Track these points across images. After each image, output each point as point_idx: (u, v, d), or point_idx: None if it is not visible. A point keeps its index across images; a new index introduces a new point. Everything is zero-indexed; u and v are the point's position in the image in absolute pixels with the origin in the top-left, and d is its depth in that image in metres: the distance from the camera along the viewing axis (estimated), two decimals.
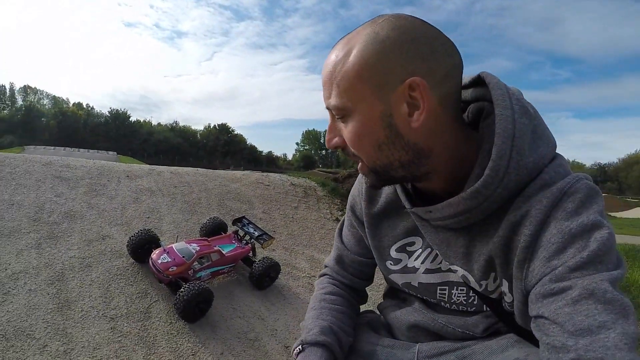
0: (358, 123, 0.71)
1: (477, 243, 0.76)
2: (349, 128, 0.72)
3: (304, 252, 3.97)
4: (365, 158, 0.75)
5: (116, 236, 3.05)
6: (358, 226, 1.02)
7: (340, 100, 0.71)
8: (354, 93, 0.69)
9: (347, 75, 0.69)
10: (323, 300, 1.01)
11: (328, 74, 0.72)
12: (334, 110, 0.73)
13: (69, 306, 2.25)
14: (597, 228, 0.62)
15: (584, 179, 0.68)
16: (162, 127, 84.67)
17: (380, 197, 0.94)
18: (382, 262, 0.97)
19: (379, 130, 0.70)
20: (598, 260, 0.60)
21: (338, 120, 0.75)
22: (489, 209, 0.71)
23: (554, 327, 0.60)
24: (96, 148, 53.13)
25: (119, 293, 2.47)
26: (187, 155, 74.62)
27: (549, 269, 0.63)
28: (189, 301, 2.32)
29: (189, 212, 3.86)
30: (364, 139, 0.72)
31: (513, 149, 0.67)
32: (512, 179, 0.67)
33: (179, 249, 2.70)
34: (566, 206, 0.65)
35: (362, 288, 1.11)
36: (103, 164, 4.46)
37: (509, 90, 0.72)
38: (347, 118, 0.72)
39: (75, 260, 2.64)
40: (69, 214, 3.18)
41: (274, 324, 2.68)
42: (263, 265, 2.99)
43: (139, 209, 3.60)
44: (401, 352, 0.90)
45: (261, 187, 5.13)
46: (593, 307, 0.57)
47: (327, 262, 1.13)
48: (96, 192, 3.68)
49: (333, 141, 0.77)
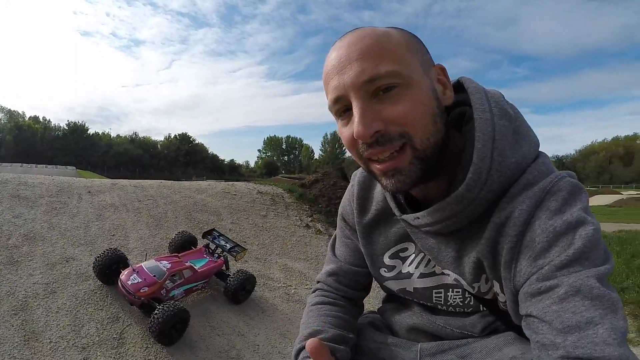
0: (417, 92, 0.67)
1: (466, 247, 0.76)
2: (408, 99, 0.66)
3: (277, 261, 3.92)
4: (422, 133, 0.68)
5: (81, 257, 2.90)
6: (352, 235, 1.01)
7: (398, 67, 0.66)
8: (408, 64, 0.68)
9: (399, 46, 0.68)
10: (310, 311, 0.99)
11: (369, 46, 0.67)
12: (388, 77, 0.66)
13: (36, 338, 2.10)
14: (582, 225, 0.62)
15: (567, 176, 0.69)
16: (121, 139, 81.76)
17: (371, 206, 0.94)
18: (375, 270, 0.96)
19: (433, 101, 0.69)
20: (584, 257, 0.60)
21: (374, 101, 0.67)
22: (475, 212, 0.71)
23: (543, 325, 0.60)
24: (54, 163, 50.63)
25: (88, 319, 2.33)
26: (148, 167, 72.59)
27: (536, 268, 0.63)
28: (164, 323, 2.22)
29: (155, 227, 3.73)
30: (423, 109, 0.68)
31: (494, 151, 0.67)
32: (495, 180, 0.67)
33: (149, 267, 2.58)
34: (549, 205, 0.65)
35: (358, 299, 1.07)
36: (63, 180, 4.24)
37: (487, 94, 0.74)
38: (399, 90, 0.66)
39: (39, 287, 2.48)
40: (29, 236, 2.99)
41: (255, 339, 2.62)
42: (238, 278, 2.93)
43: (103, 226, 3.44)
44: (404, 351, 0.90)
45: (228, 197, 5.03)
46: (580, 303, 0.57)
47: (319, 278, 1.09)
48: (57, 210, 3.49)
49: (374, 125, 0.66)
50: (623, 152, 72.13)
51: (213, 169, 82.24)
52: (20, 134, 62.22)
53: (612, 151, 73.64)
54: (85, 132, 72.03)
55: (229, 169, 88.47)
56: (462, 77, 0.79)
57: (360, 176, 0.96)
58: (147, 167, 71.99)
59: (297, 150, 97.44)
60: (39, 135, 65.86)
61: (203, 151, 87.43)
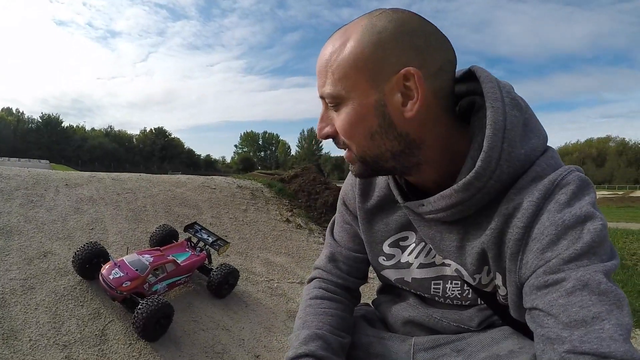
0: (352, 111, 0.71)
1: (470, 236, 0.76)
2: (342, 116, 0.72)
3: (259, 255, 3.90)
4: (357, 147, 0.75)
5: (59, 252, 2.80)
6: (352, 220, 1.00)
7: (335, 88, 0.71)
8: (349, 81, 0.69)
9: (342, 64, 0.69)
10: (308, 306, 0.96)
11: (323, 63, 0.72)
12: (327, 98, 0.73)
13: (15, 336, 2.02)
14: (590, 219, 0.62)
15: (576, 170, 0.69)
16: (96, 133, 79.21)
17: (373, 192, 0.93)
18: (374, 258, 0.95)
19: (372, 119, 0.70)
20: (592, 252, 0.60)
21: (331, 109, 0.75)
22: (481, 201, 0.71)
23: (549, 318, 0.60)
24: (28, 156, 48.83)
25: (69, 316, 2.26)
26: (123, 162, 70.60)
27: (543, 261, 0.63)
28: (149, 318, 2.17)
29: (135, 220, 3.64)
30: (356, 127, 0.72)
31: (504, 140, 0.67)
32: (504, 170, 0.67)
33: (130, 261, 2.51)
34: (558, 198, 0.65)
35: (356, 287, 1.06)
36: (39, 172, 4.10)
37: (500, 84, 0.73)
38: (340, 106, 0.72)
39: (16, 282, 2.38)
40: (5, 230, 2.88)
41: (240, 333, 2.60)
42: (221, 272, 2.89)
43: (81, 220, 3.34)
44: (397, 345, 0.89)
45: (207, 191, 4.97)
46: (587, 298, 0.57)
47: (318, 263, 1.07)
48: (33, 203, 3.37)
49: (324, 130, 0.77)
50: (596, 154, 74.94)
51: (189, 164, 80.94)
52: None
53: (585, 152, 76.30)
54: (60, 124, 69.72)
55: (205, 164, 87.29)
56: (473, 65, 0.78)
57: None
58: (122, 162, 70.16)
59: (274, 146, 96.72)
60: (11, 127, 63.36)
61: (179, 146, 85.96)
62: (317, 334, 0.86)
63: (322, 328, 0.88)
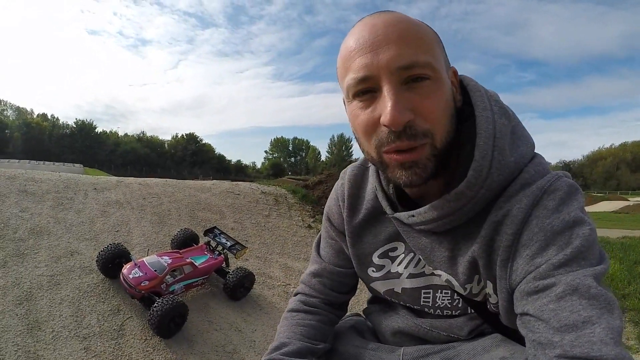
0: (444, 88, 0.67)
1: (460, 246, 0.75)
2: (437, 94, 0.66)
3: (278, 260, 3.97)
4: (442, 131, 0.68)
5: (85, 251, 2.97)
6: (337, 236, 0.98)
7: (432, 60, 0.66)
8: (439, 58, 0.68)
9: (432, 39, 0.69)
10: (284, 319, 0.98)
11: (408, 30, 0.66)
12: (423, 67, 0.65)
13: (39, 327, 2.18)
14: (579, 224, 0.62)
15: (564, 176, 0.69)
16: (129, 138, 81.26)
17: (361, 205, 0.91)
18: (363, 271, 0.94)
19: (451, 101, 0.70)
20: (581, 257, 0.60)
21: (404, 88, 0.65)
22: (472, 210, 0.70)
23: (540, 323, 0.60)
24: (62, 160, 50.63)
25: (90, 311, 2.40)
26: (155, 166, 72.09)
27: (533, 266, 0.63)
28: (163, 316, 2.28)
29: (158, 224, 3.80)
30: (446, 107, 0.68)
31: (495, 149, 0.67)
32: (494, 179, 0.67)
33: (150, 262, 2.65)
34: (547, 204, 0.65)
35: (341, 302, 1.05)
36: (69, 177, 4.33)
37: (487, 93, 0.74)
38: (430, 83, 0.65)
39: (44, 278, 2.56)
40: (35, 230, 3.07)
41: (252, 335, 2.67)
42: (237, 275, 2.98)
43: (108, 222, 3.52)
44: (386, 355, 0.88)
45: (231, 197, 5.09)
46: (577, 302, 0.57)
47: (303, 279, 1.07)
48: (63, 206, 3.57)
49: (407, 114, 0.64)
50: (631, 158, 70.69)
51: (219, 169, 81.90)
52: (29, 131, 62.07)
53: (619, 157, 72.23)
54: (93, 130, 71.81)
55: (236, 169, 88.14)
56: (460, 74, 0.78)
57: (350, 174, 0.94)
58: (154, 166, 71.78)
59: (304, 152, 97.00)
60: (47, 132, 65.78)
61: (210, 151, 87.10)
62: (284, 342, 0.87)
63: (291, 337, 0.89)
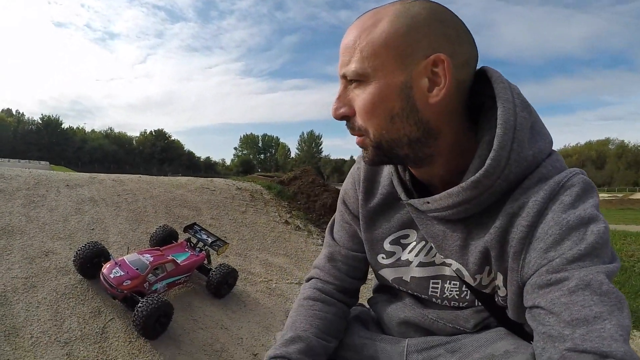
0: (376, 90, 0.70)
1: (473, 235, 0.75)
2: (364, 95, 0.71)
3: (258, 256, 3.93)
4: (374, 129, 0.73)
5: (60, 251, 2.84)
6: (351, 220, 0.98)
7: (361, 66, 0.70)
8: (377, 60, 0.69)
9: (373, 42, 0.69)
10: (301, 306, 0.97)
11: (351, 41, 0.71)
12: (352, 75, 0.72)
13: (17, 333, 2.06)
14: (594, 221, 0.63)
15: (580, 173, 0.70)
16: (96, 135, 78.79)
17: (377, 190, 0.92)
18: (373, 256, 0.94)
19: (395, 100, 0.70)
20: (595, 253, 0.61)
21: (350, 90, 0.74)
22: (487, 200, 0.71)
23: (550, 316, 0.60)
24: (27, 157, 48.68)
25: (70, 314, 2.29)
26: (123, 163, 70.24)
27: (546, 260, 0.64)
28: (149, 317, 2.20)
29: (135, 221, 3.68)
30: (378, 108, 0.71)
31: (514, 140, 0.67)
32: (512, 170, 0.68)
33: (131, 261, 2.55)
34: (563, 199, 0.66)
35: (354, 288, 1.04)
36: (40, 173, 4.13)
37: (511, 85, 0.74)
38: (363, 85, 0.71)
39: (18, 281, 2.42)
40: (7, 229, 2.91)
41: (238, 332, 2.63)
42: (220, 272, 2.93)
43: (82, 220, 3.37)
44: (390, 346, 0.88)
45: (207, 193, 5.00)
46: (589, 297, 0.57)
47: (317, 263, 1.06)
48: (35, 203, 3.40)
49: (341, 110, 0.75)
50: (595, 156, 74.75)
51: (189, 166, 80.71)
52: None
53: (585, 155, 76.11)
54: (59, 126, 69.30)
55: (205, 166, 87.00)
56: (484, 66, 0.77)
57: None
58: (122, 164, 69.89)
59: (274, 149, 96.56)
60: (11, 129, 63.03)
61: (179, 148, 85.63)
62: (300, 336, 0.86)
63: (307, 330, 0.89)
